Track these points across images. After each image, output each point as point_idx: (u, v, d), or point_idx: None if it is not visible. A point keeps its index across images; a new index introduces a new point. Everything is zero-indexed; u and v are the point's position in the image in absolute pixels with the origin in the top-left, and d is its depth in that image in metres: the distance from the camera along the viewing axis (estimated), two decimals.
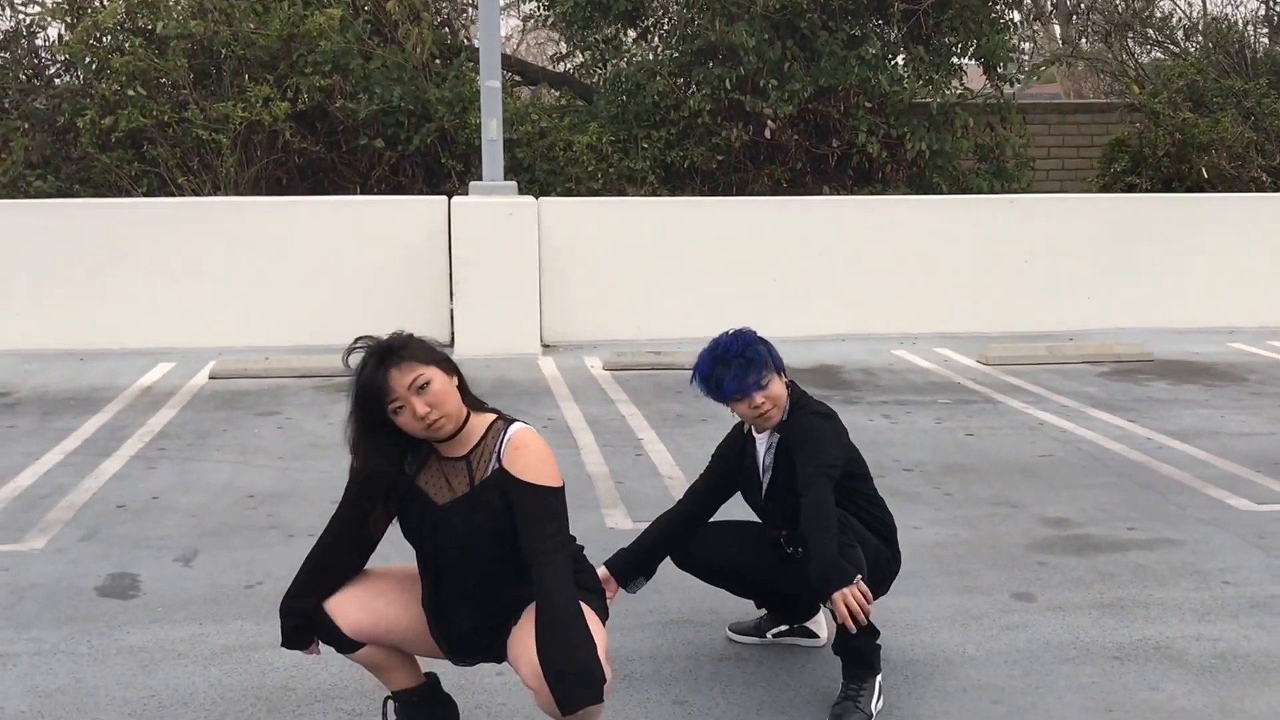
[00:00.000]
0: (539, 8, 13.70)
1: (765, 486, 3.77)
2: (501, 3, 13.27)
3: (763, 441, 3.78)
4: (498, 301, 9.45)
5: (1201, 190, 12.31)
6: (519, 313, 9.47)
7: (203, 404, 7.74)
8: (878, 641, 3.51)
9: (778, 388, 3.68)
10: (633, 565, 3.77)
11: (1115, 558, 4.82)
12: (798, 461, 3.56)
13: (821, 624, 3.99)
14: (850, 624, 3.27)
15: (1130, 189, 12.60)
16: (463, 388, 3.00)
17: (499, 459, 2.95)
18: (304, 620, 3.05)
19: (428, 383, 2.90)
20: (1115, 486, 5.82)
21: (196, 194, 11.45)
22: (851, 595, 3.26)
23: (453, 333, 9.58)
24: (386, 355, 2.93)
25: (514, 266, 9.48)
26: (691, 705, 3.55)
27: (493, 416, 3.04)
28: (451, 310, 9.66)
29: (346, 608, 3.03)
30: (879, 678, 3.52)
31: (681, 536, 3.88)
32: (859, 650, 3.46)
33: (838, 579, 3.28)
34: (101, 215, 9.87)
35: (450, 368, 2.98)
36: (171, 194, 11.43)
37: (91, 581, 4.58)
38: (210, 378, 8.47)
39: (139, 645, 3.99)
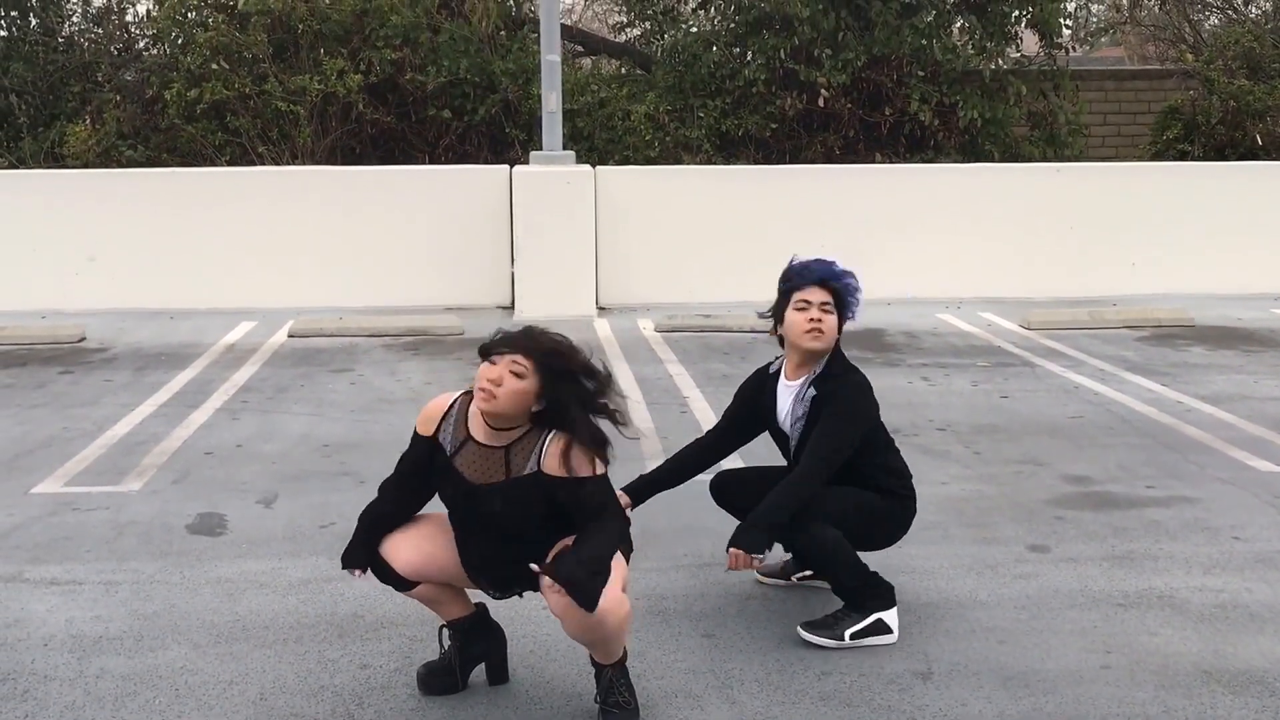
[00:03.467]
0: None
1: (795, 439, 3.87)
2: None
3: (790, 390, 3.88)
4: (556, 266, 9.78)
5: (1255, 158, 12.25)
6: (576, 277, 9.79)
7: (282, 360, 8.17)
8: (872, 587, 3.81)
9: (838, 321, 3.88)
10: (645, 490, 4.04)
11: (1131, 514, 5.01)
12: (820, 425, 3.77)
13: None
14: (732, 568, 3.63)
15: (1182, 156, 12.56)
16: (539, 412, 3.16)
17: (539, 462, 3.18)
18: (363, 562, 3.41)
19: (518, 375, 3.10)
20: (1139, 447, 6.00)
21: (275, 163, 11.91)
22: (741, 559, 3.60)
23: (513, 295, 9.96)
24: (532, 330, 3.20)
25: (572, 232, 9.80)
26: (718, 639, 3.84)
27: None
28: (513, 274, 10.03)
29: (401, 551, 3.35)
30: (874, 618, 3.80)
31: (690, 469, 4.13)
32: (849, 591, 3.83)
33: (745, 540, 3.62)
34: (188, 183, 10.37)
35: (549, 396, 3.13)
36: (252, 163, 11.90)
37: (183, 520, 4.99)
38: (289, 336, 8.91)
39: (225, 577, 4.38)
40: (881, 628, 3.83)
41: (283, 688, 3.56)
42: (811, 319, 3.80)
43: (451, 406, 3.32)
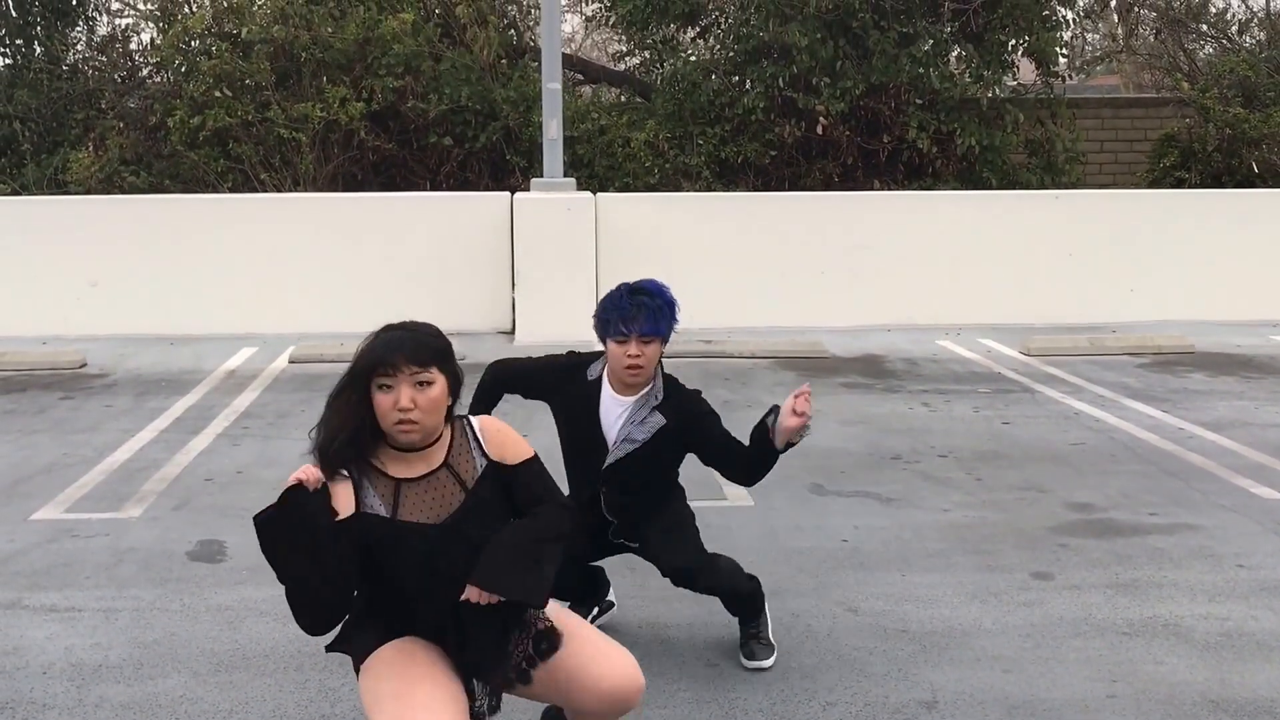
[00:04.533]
0: (601, 8, 14.03)
1: (615, 458, 3.69)
2: (565, 3, 13.64)
3: (624, 407, 3.68)
4: (557, 291, 9.80)
5: (1252, 185, 12.31)
6: (577, 302, 9.79)
7: (283, 386, 8.17)
8: (756, 581, 3.95)
9: (658, 351, 3.65)
10: None
11: (1134, 541, 5.00)
12: (723, 443, 3.69)
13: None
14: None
15: (1179, 184, 12.63)
16: (451, 406, 2.75)
17: (484, 454, 2.77)
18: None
19: (429, 383, 2.66)
20: (1142, 474, 6.00)
21: (278, 189, 11.95)
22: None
23: (514, 320, 9.97)
24: (410, 331, 2.72)
25: (572, 258, 9.84)
26: (722, 668, 3.82)
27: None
28: (513, 299, 10.05)
29: None
30: (767, 612, 3.97)
31: None
32: (747, 598, 3.90)
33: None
34: (190, 209, 10.40)
35: (455, 386, 2.73)
36: (254, 189, 11.93)
37: (183, 547, 4.97)
38: (290, 362, 8.92)
39: (225, 604, 4.36)
40: (769, 619, 4.02)
41: (283, 717, 3.54)
42: (636, 357, 3.59)
43: (337, 478, 2.67)
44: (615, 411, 3.71)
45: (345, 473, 2.68)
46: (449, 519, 2.67)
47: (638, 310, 3.57)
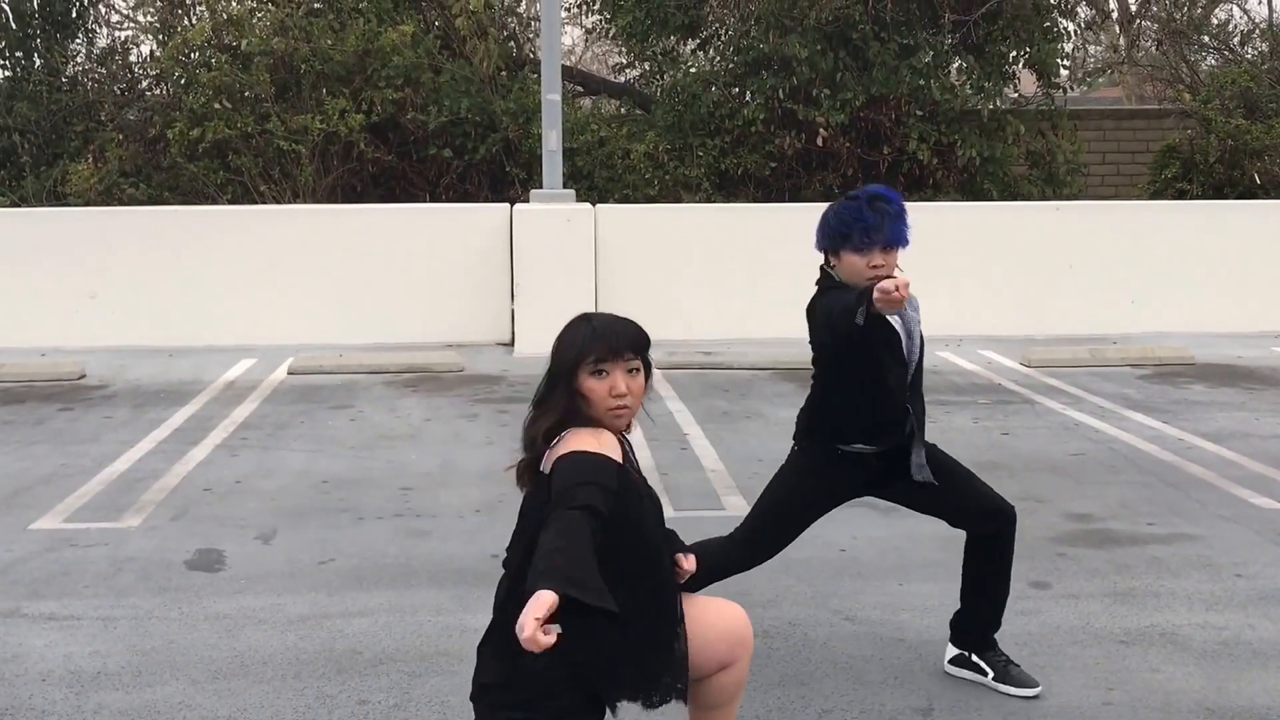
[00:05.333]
0: (601, 21, 14.09)
1: (914, 359, 3.57)
2: (565, 15, 13.68)
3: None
4: (556, 303, 9.78)
5: (1254, 196, 12.33)
6: (576, 313, 9.79)
7: (281, 397, 8.18)
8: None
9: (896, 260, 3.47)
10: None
11: (1132, 551, 5.00)
12: None
13: None
14: None
15: (1181, 195, 12.66)
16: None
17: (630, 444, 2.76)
18: None
19: (639, 371, 2.66)
20: (1141, 484, 6.00)
21: (277, 201, 11.98)
22: None
23: (513, 332, 9.99)
24: (619, 320, 2.70)
25: (572, 270, 9.85)
26: None
27: None
28: (512, 311, 10.06)
29: None
30: None
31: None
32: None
33: None
34: (190, 221, 10.43)
35: (650, 377, 2.72)
36: (254, 201, 11.97)
37: (181, 556, 4.98)
38: (289, 373, 8.93)
39: (223, 612, 4.37)
40: None
41: None
42: (878, 267, 3.41)
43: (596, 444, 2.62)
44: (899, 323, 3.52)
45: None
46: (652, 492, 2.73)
47: (882, 219, 3.39)
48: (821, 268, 3.61)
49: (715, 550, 3.69)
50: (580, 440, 2.56)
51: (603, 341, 2.62)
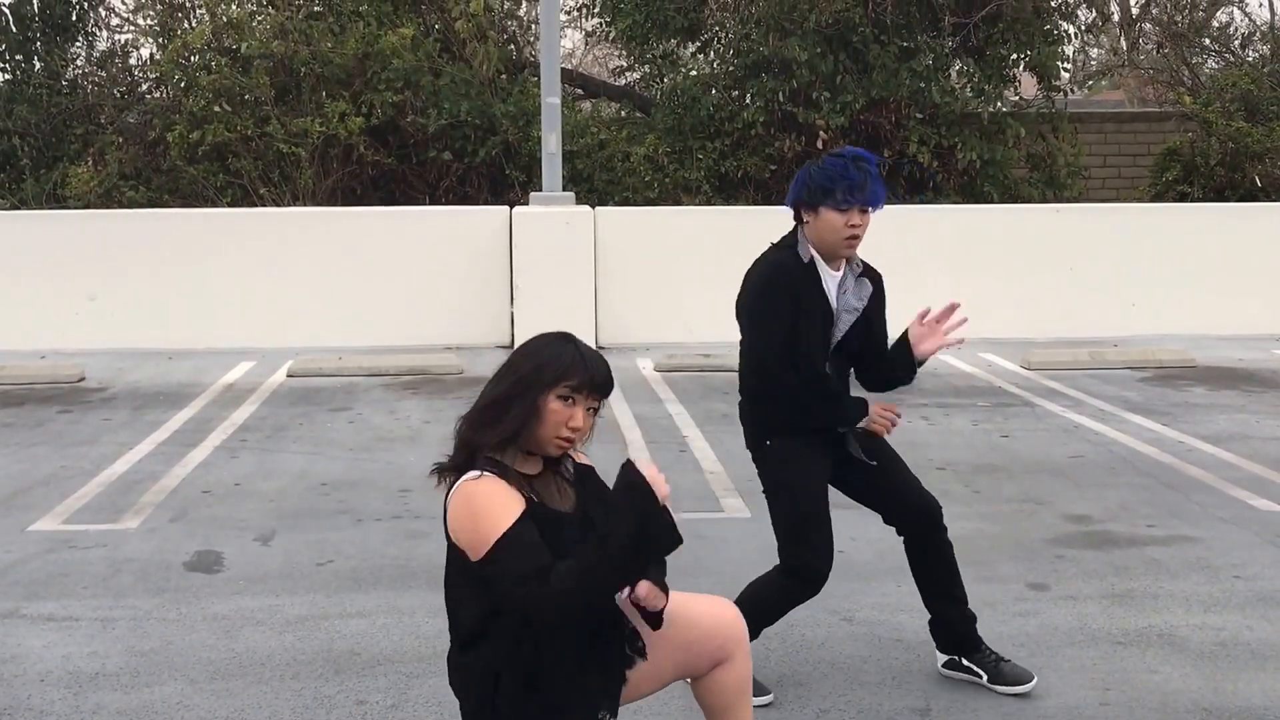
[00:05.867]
0: (601, 24, 14.10)
1: (843, 328, 3.58)
2: (565, 19, 13.70)
3: (833, 278, 3.57)
4: (555, 305, 9.82)
5: (1254, 199, 12.34)
6: (575, 316, 9.81)
7: (281, 400, 8.19)
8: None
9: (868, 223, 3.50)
10: None
11: (1131, 552, 5.00)
12: (872, 344, 3.62)
13: None
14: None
15: (1182, 198, 12.67)
16: None
17: (572, 460, 2.71)
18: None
19: (596, 412, 2.61)
20: (1140, 486, 5.99)
21: (277, 204, 11.99)
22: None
23: (513, 334, 9.99)
24: (597, 355, 2.63)
25: (571, 272, 9.86)
26: None
27: None
28: (512, 313, 10.06)
29: None
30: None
31: None
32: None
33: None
34: (189, 224, 10.44)
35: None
36: (254, 204, 11.98)
37: (180, 557, 4.98)
38: (288, 376, 8.93)
39: (221, 614, 4.37)
40: None
41: None
42: (855, 226, 3.47)
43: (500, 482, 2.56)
44: (833, 285, 3.57)
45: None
46: (576, 509, 2.60)
47: (865, 178, 3.43)
48: (785, 239, 3.62)
49: (769, 592, 3.65)
50: (490, 505, 2.45)
51: (587, 372, 2.55)
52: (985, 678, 3.73)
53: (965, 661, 3.77)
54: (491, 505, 2.46)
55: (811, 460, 3.61)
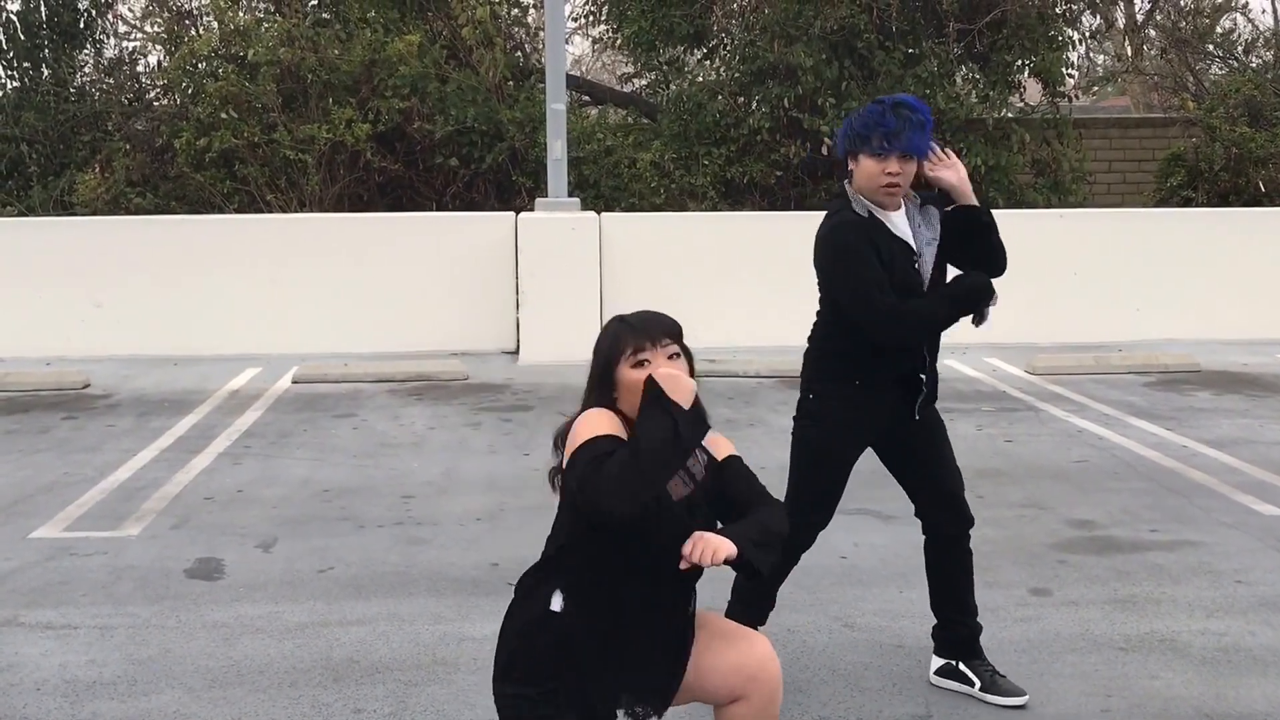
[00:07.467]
0: (608, 30, 14.12)
1: (928, 259, 3.55)
2: (571, 25, 13.71)
3: (900, 219, 3.51)
4: (561, 311, 9.82)
5: (1259, 204, 12.31)
6: (581, 321, 9.81)
7: (285, 406, 8.19)
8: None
9: (914, 173, 3.44)
10: None
11: (1134, 558, 4.99)
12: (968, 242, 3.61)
13: None
14: None
15: (1186, 203, 12.65)
16: None
17: (705, 450, 2.78)
18: None
19: (678, 354, 2.70)
20: (1143, 491, 5.98)
21: (284, 210, 12.02)
22: None
23: (518, 340, 9.99)
24: (646, 312, 2.77)
25: (577, 278, 9.86)
26: None
27: None
28: (518, 319, 10.07)
29: None
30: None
31: None
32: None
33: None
34: (196, 230, 10.46)
35: (692, 365, 2.76)
36: (260, 210, 12.01)
37: (181, 564, 4.98)
38: (293, 382, 8.94)
39: (221, 621, 4.36)
40: None
41: None
42: (895, 174, 3.40)
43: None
44: (903, 224, 3.50)
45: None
46: (683, 499, 2.69)
47: (903, 125, 3.35)
48: (836, 194, 3.61)
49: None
50: (588, 422, 2.62)
51: (637, 332, 2.69)
52: (979, 685, 3.71)
53: (962, 666, 3.76)
54: (589, 423, 2.63)
55: (853, 424, 3.60)
